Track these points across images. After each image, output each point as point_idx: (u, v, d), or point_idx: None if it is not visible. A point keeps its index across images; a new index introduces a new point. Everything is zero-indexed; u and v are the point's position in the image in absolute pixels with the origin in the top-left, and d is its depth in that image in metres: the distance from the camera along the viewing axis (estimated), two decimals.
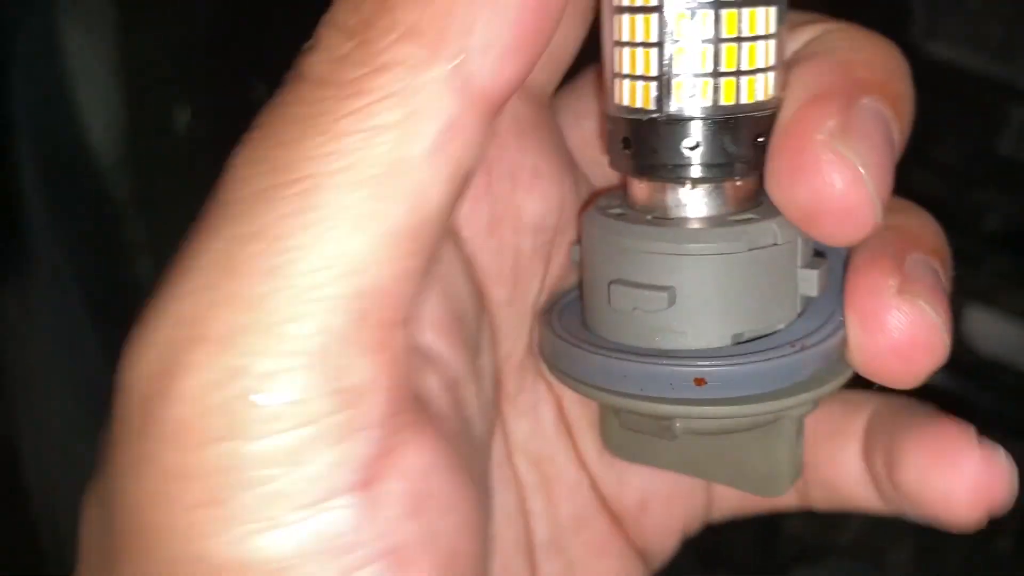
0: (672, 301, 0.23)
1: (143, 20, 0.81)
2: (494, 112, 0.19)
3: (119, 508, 0.19)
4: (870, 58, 0.24)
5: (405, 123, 0.18)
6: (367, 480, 0.18)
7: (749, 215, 0.24)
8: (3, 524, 1.10)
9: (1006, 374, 0.78)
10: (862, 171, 0.22)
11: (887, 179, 0.23)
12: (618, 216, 0.24)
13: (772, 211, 0.24)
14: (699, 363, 0.23)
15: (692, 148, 0.23)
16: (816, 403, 0.24)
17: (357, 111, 0.18)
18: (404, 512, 0.18)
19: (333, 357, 0.17)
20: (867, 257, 0.24)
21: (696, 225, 0.24)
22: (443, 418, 0.20)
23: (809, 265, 0.24)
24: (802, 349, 0.23)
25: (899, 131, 0.24)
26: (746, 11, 0.22)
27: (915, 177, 0.82)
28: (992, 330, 0.80)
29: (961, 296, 0.81)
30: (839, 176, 0.22)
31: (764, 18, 0.22)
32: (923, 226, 0.26)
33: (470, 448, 0.22)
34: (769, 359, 0.23)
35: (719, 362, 0.23)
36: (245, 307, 0.17)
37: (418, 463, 0.19)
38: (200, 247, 0.19)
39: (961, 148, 0.80)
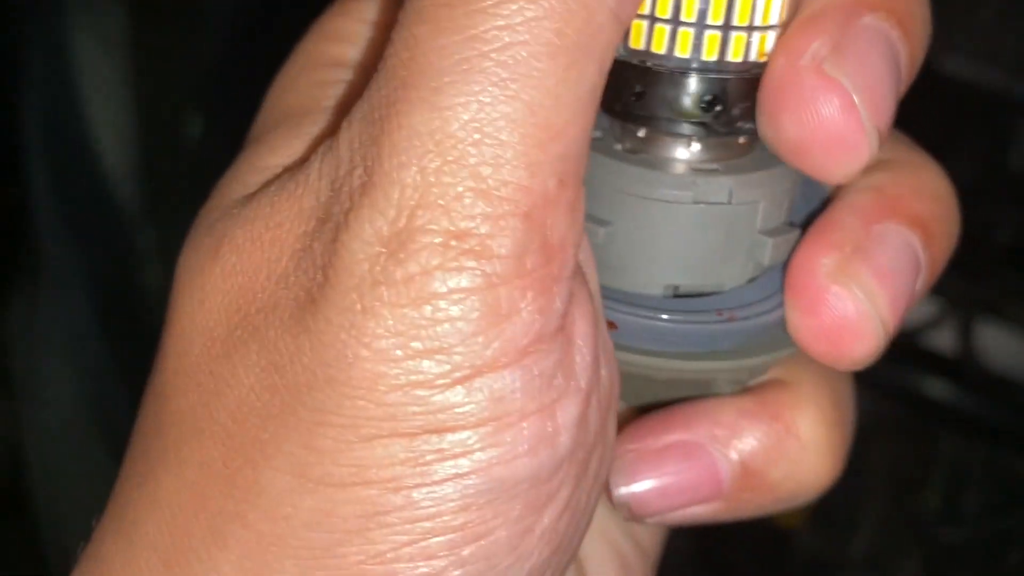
0: (609, 238, 0.23)
1: (156, 33, 0.81)
2: None
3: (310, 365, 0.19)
4: None
5: None
6: (564, 327, 0.19)
7: (715, 167, 0.22)
8: (6, 529, 1.10)
9: (1016, 388, 0.78)
10: (854, 96, 0.21)
11: (885, 106, 0.21)
12: (593, 139, 0.22)
13: (745, 166, 0.23)
14: (617, 308, 0.22)
15: (680, 103, 0.22)
16: (746, 375, 0.24)
17: None
18: (592, 358, 0.20)
19: (541, 215, 0.18)
20: (820, 226, 0.23)
21: (657, 169, 0.23)
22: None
23: (769, 232, 0.23)
24: (728, 320, 0.22)
25: (908, 55, 0.22)
26: None
27: None
28: (1002, 344, 0.80)
29: (971, 310, 0.81)
30: (827, 102, 0.21)
31: None
32: (913, 186, 0.24)
33: None
34: (689, 322, 0.22)
35: (636, 312, 0.22)
36: (463, 177, 0.18)
37: (587, 314, 0.20)
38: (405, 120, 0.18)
39: (972, 163, 0.80)
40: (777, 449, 0.24)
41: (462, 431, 0.19)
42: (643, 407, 0.25)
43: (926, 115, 0.81)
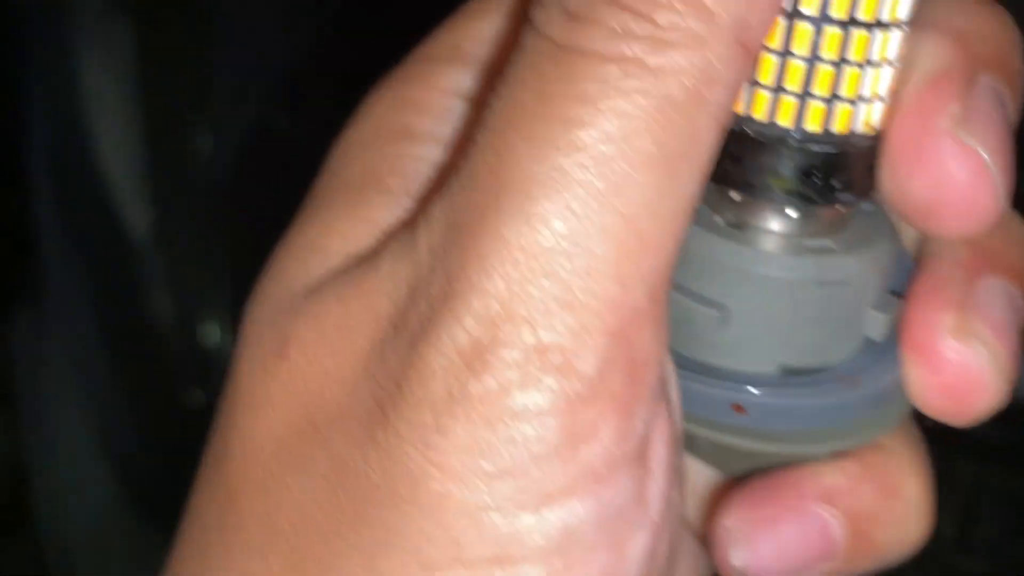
0: (725, 321, 0.22)
1: (163, 48, 0.80)
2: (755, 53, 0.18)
3: (372, 474, 0.18)
4: (985, 28, 0.22)
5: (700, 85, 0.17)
6: (643, 452, 0.19)
7: (829, 243, 0.22)
8: (9, 545, 1.09)
9: None
10: (987, 159, 0.21)
11: (1010, 166, 0.21)
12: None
13: (854, 241, 0.22)
14: (743, 389, 0.22)
15: (780, 172, 0.21)
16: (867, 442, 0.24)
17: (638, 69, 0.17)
18: (667, 486, 0.19)
19: (628, 332, 0.18)
20: (929, 284, 0.23)
21: (770, 244, 0.22)
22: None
23: (879, 307, 0.23)
24: (853, 387, 0.22)
25: (1015, 111, 0.22)
26: (878, 35, 0.20)
27: None
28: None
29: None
30: (963, 166, 0.21)
31: (889, 43, 0.20)
32: (1009, 239, 0.23)
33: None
34: (818, 395, 0.22)
35: (765, 392, 0.22)
36: (550, 289, 0.17)
37: (666, 437, 0.20)
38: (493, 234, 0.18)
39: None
40: (886, 512, 0.24)
41: (528, 564, 0.18)
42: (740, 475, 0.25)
43: None
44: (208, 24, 0.74)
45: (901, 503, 0.24)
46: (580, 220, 0.17)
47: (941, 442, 0.80)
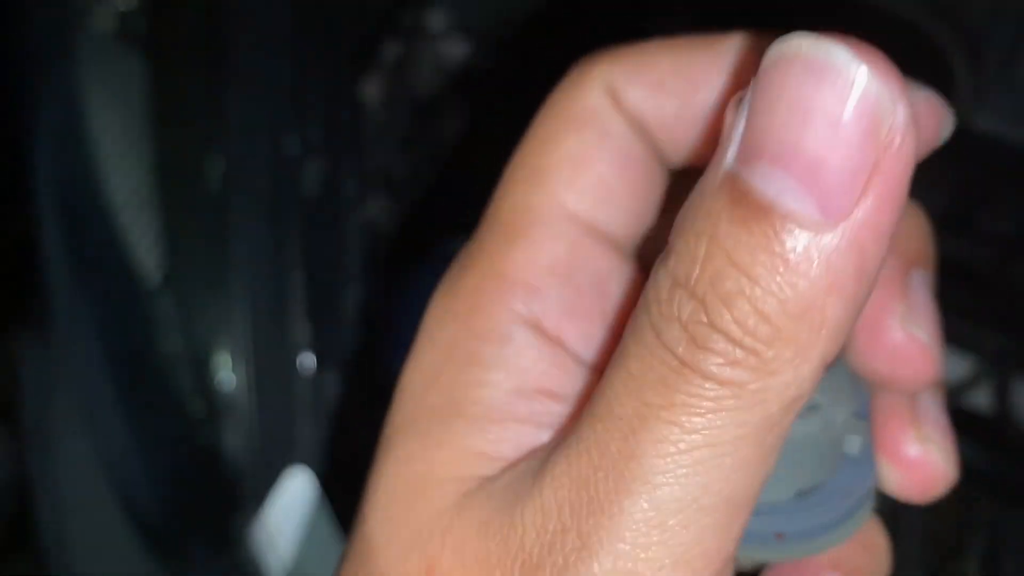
0: None
1: (172, 81, 0.80)
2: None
3: None
4: (909, 229, 0.31)
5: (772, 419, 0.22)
6: None
7: (818, 398, 0.30)
8: (18, 565, 1.09)
9: None
10: (926, 340, 0.30)
11: (938, 333, 0.31)
12: None
13: (834, 391, 0.30)
14: (780, 521, 0.29)
15: None
16: None
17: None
18: None
19: (724, 571, 0.23)
20: (891, 411, 0.31)
21: None
22: None
23: (854, 431, 0.31)
24: (858, 503, 0.31)
25: (930, 283, 0.31)
26: None
27: (960, 249, 0.81)
28: None
29: (1008, 368, 0.79)
30: (910, 348, 0.30)
31: None
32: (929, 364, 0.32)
33: None
34: (833, 515, 0.30)
35: (795, 520, 0.29)
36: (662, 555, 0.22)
37: None
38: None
39: (1007, 220, 0.79)
40: (872, 564, 0.32)
41: None
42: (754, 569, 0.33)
43: (961, 172, 0.80)
44: (219, 54, 0.74)
45: (877, 557, 0.33)
46: (693, 502, 0.21)
47: (963, 480, 0.78)
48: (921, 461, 0.30)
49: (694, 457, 0.21)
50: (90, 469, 0.86)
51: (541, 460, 0.24)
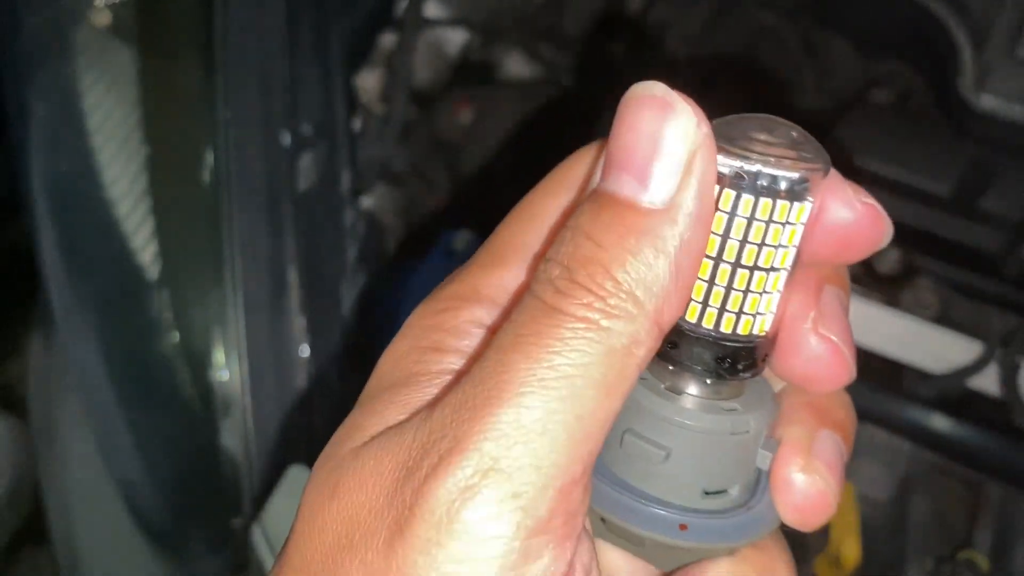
0: (667, 459, 0.32)
1: (166, 77, 0.80)
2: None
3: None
4: None
5: (631, 344, 0.27)
6: (571, 570, 0.28)
7: (735, 404, 0.32)
8: (39, 558, 1.10)
9: None
10: (840, 343, 0.32)
11: (852, 340, 0.33)
12: (642, 380, 0.32)
13: (753, 403, 0.32)
14: (684, 514, 0.32)
15: (704, 358, 0.31)
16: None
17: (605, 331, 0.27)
18: None
19: (568, 490, 0.27)
20: (787, 437, 0.33)
21: (695, 405, 0.32)
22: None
23: (766, 446, 0.33)
24: (762, 514, 0.33)
25: (847, 297, 0.34)
26: (771, 275, 0.31)
27: (967, 232, 0.80)
28: None
29: (1016, 352, 0.78)
30: (822, 351, 0.32)
31: (778, 280, 0.31)
32: (835, 404, 0.34)
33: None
34: (731, 518, 0.32)
35: (698, 515, 0.32)
36: (525, 456, 0.27)
37: (585, 561, 0.29)
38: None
39: (1012, 200, 0.78)
40: None
41: None
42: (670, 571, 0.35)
43: (967, 154, 0.79)
44: (212, 46, 0.73)
45: None
46: (550, 414, 0.26)
47: (971, 464, 0.77)
48: (802, 488, 0.33)
49: (553, 374, 0.27)
50: (95, 467, 0.86)
51: None
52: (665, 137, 0.28)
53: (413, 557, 0.26)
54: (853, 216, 0.32)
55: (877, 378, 0.77)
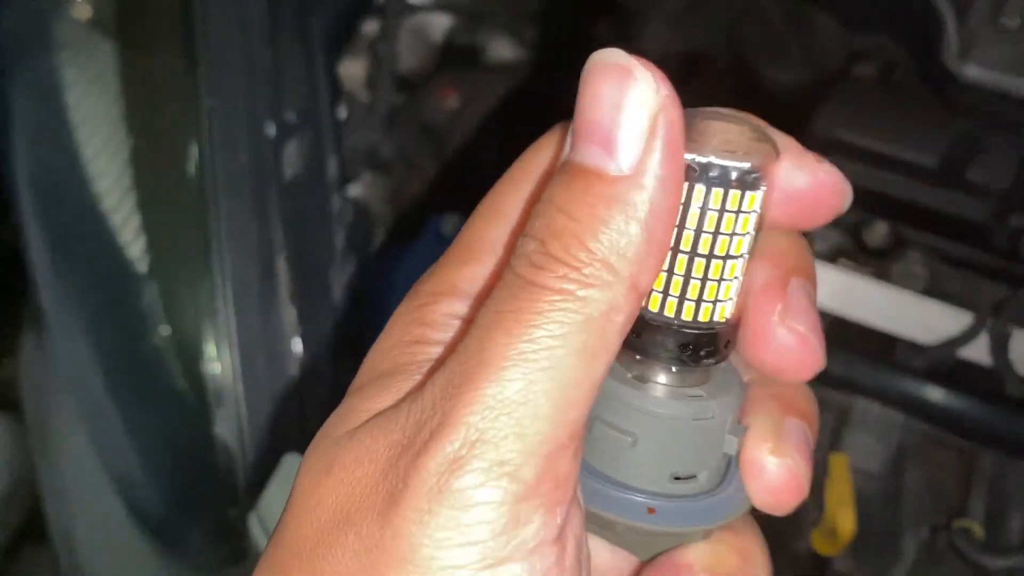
0: (635, 444, 0.33)
1: (147, 70, 0.79)
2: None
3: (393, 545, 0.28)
4: (789, 247, 0.35)
5: (609, 311, 0.28)
6: (561, 536, 0.29)
7: (700, 391, 0.33)
8: (41, 555, 1.10)
9: None
10: (804, 331, 0.34)
11: (820, 330, 0.34)
12: (610, 370, 0.32)
13: (718, 390, 0.33)
14: (652, 498, 0.33)
15: (667, 345, 0.32)
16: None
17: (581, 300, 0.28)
18: (577, 560, 0.30)
19: (555, 457, 0.28)
20: (755, 424, 0.34)
21: (661, 392, 0.33)
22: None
23: (733, 432, 0.33)
24: (730, 499, 0.34)
25: (814, 289, 0.35)
26: (728, 262, 0.31)
27: (954, 200, 0.80)
28: None
29: (1006, 321, 0.78)
30: (790, 341, 0.34)
31: (736, 266, 0.32)
32: (799, 395, 0.36)
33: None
34: (700, 501, 0.33)
35: (665, 500, 0.33)
36: (510, 426, 0.28)
37: (577, 529, 0.30)
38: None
39: (999, 170, 0.78)
40: (744, 571, 0.35)
41: None
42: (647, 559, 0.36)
43: (953, 125, 0.79)
44: (194, 36, 0.73)
45: (752, 564, 0.35)
46: (531, 385, 0.27)
47: (964, 435, 0.77)
48: (774, 471, 0.33)
49: (533, 347, 0.27)
50: (90, 463, 0.85)
51: None
52: (626, 104, 0.28)
53: (407, 526, 0.27)
54: (814, 182, 0.33)
55: (868, 350, 0.77)
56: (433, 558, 0.27)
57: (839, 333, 0.78)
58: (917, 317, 0.78)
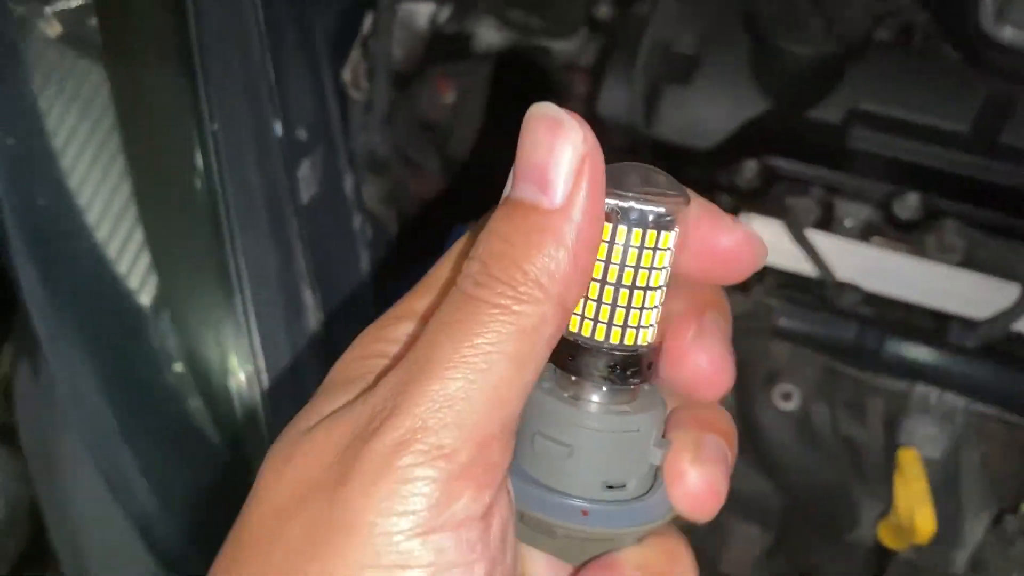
0: (570, 455, 0.37)
1: (134, 82, 0.75)
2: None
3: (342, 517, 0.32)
4: (705, 288, 0.40)
5: (540, 324, 0.33)
6: (487, 515, 0.33)
7: (627, 408, 0.37)
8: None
9: None
10: (718, 355, 0.38)
11: (731, 353, 0.39)
12: (547, 390, 0.37)
13: (643, 407, 0.37)
14: (587, 503, 0.37)
15: (598, 366, 0.36)
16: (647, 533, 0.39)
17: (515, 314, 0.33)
18: (501, 539, 0.34)
19: (487, 445, 0.32)
20: (677, 438, 0.38)
21: (593, 408, 0.37)
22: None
23: (658, 444, 0.37)
24: (656, 505, 0.37)
25: (728, 332, 0.40)
26: (649, 293, 0.36)
27: (988, 165, 0.78)
28: None
29: None
30: (701, 364, 0.38)
31: (656, 297, 0.36)
32: (718, 416, 0.39)
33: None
34: (629, 506, 0.37)
35: (599, 504, 0.37)
36: (450, 417, 0.32)
37: (504, 510, 0.34)
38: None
39: None
40: (673, 571, 0.39)
41: (415, 570, 0.31)
42: (580, 564, 0.40)
43: (982, 88, 0.75)
44: (186, 55, 0.68)
45: (680, 565, 0.39)
46: (471, 384, 0.32)
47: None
48: (693, 480, 0.37)
49: (473, 351, 0.32)
50: (102, 502, 0.82)
51: None
52: (557, 149, 0.33)
53: (354, 499, 0.31)
54: (732, 241, 0.38)
55: (917, 329, 0.74)
56: (375, 524, 0.31)
57: (880, 315, 0.76)
58: (958, 290, 0.75)
